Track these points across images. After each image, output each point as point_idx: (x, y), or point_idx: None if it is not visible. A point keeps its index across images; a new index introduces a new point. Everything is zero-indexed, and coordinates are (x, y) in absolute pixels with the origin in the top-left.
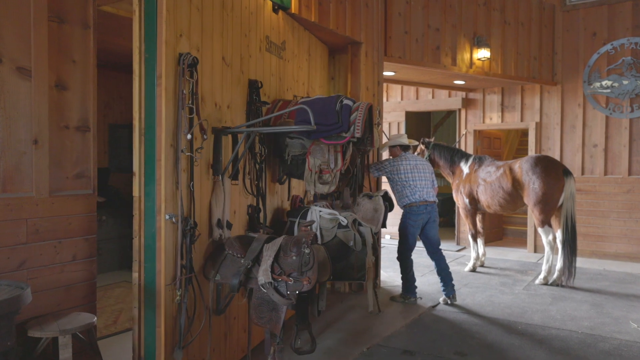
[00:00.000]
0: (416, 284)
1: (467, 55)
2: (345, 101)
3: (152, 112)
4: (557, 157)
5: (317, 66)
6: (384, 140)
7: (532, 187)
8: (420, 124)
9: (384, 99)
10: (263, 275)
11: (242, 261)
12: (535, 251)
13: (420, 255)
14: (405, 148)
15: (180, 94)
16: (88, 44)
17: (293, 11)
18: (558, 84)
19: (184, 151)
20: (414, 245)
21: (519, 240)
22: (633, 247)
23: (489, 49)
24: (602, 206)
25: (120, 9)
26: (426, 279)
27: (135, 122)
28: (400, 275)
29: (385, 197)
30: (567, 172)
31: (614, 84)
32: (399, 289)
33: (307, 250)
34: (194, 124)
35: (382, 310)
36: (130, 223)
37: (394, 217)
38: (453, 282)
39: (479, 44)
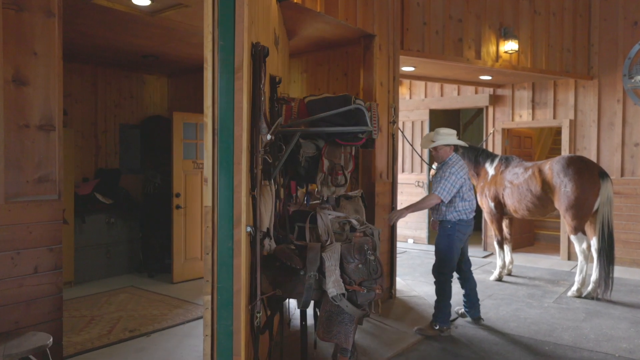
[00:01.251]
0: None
1: (492, 48)
2: (357, 101)
3: (228, 109)
4: (593, 157)
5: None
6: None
7: (564, 190)
8: (448, 123)
9: (407, 97)
10: (334, 287)
11: (303, 273)
12: (569, 258)
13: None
14: (456, 149)
15: (257, 89)
16: (52, 34)
17: (296, 0)
18: (594, 78)
19: (261, 153)
20: (456, 266)
21: (552, 246)
22: None
23: (517, 41)
24: None
25: (116, 3)
26: None
27: (208, 120)
28: (435, 300)
29: (362, 197)
30: (603, 174)
31: None
32: (417, 300)
33: (372, 257)
34: (276, 123)
35: (390, 325)
36: (139, 225)
37: (416, 220)
38: (479, 301)
39: (505, 35)
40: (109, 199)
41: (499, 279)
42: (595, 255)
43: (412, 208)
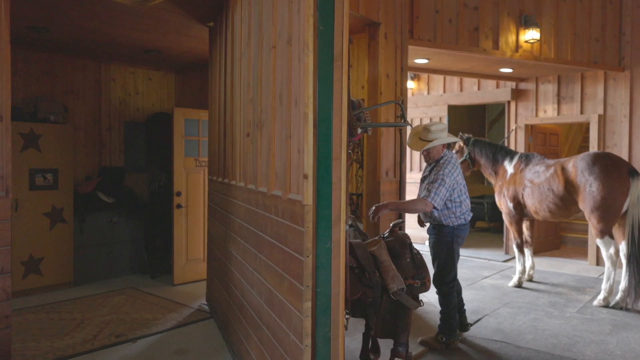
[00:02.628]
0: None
1: (512, 38)
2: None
3: (327, 100)
4: (624, 155)
5: None
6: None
7: (589, 190)
8: (472, 120)
9: (425, 92)
10: (394, 282)
11: (358, 271)
12: (597, 264)
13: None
14: (448, 146)
15: (348, 80)
16: None
17: None
18: (626, 69)
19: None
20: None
21: (580, 250)
22: None
23: (538, 30)
24: None
25: None
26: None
27: (309, 111)
28: (440, 311)
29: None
30: (633, 172)
31: None
32: (425, 307)
33: (415, 251)
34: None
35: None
36: (144, 225)
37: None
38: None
39: (526, 23)
40: (112, 197)
41: (519, 285)
42: (624, 261)
43: (395, 206)
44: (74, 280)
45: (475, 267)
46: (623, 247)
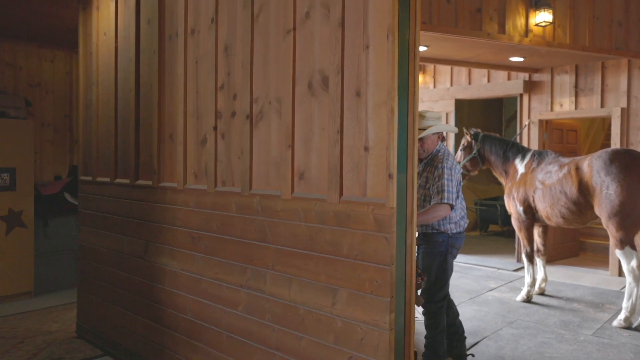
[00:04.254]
0: None
1: (520, 20)
2: None
3: (403, 91)
4: None
5: None
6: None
7: (606, 192)
8: (488, 117)
9: (431, 86)
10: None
11: None
12: (619, 274)
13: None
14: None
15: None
16: None
17: None
18: None
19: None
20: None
21: (601, 258)
22: None
23: (551, 11)
24: None
25: None
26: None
27: (394, 105)
28: (426, 336)
29: None
30: None
31: None
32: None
33: None
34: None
35: None
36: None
37: None
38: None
39: (537, 4)
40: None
41: (527, 300)
42: None
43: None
44: (35, 290)
45: (481, 277)
46: None
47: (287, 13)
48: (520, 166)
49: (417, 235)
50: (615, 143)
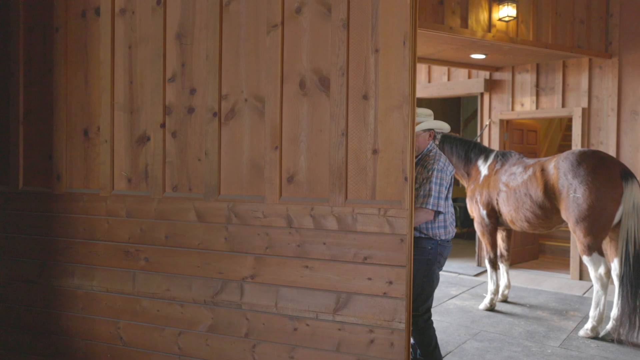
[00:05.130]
0: None
1: (484, 15)
2: None
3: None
4: (611, 154)
5: None
6: None
7: (573, 196)
8: (446, 117)
9: None
10: None
11: None
12: (580, 278)
13: None
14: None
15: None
16: None
17: None
18: (614, 55)
19: None
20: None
21: (560, 260)
22: None
23: (515, 6)
24: None
25: None
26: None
27: (410, 108)
28: (419, 354)
29: None
30: (627, 175)
31: None
32: None
33: None
34: None
35: None
36: None
37: None
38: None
39: None
40: None
41: (491, 308)
42: (616, 282)
43: None
44: None
45: (441, 282)
46: (615, 265)
47: (273, 6)
48: (483, 168)
49: None
50: (576, 144)
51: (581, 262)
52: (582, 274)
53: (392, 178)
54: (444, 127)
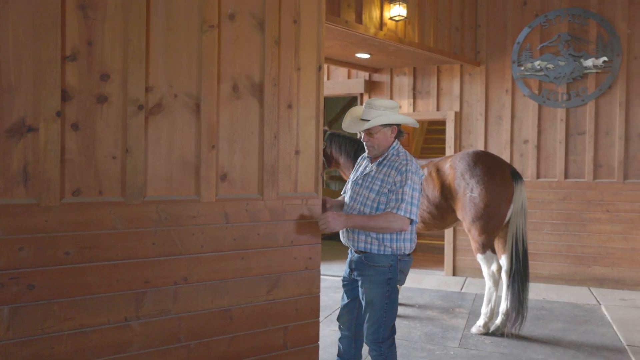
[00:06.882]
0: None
1: (376, 12)
2: None
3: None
4: None
5: None
6: None
7: (470, 195)
8: None
9: None
10: None
11: None
12: (454, 274)
13: None
14: (399, 134)
15: None
16: None
17: None
18: (482, 64)
19: None
20: None
21: (431, 257)
22: (569, 267)
23: (405, 6)
24: (534, 216)
25: None
26: (321, 334)
27: (320, 119)
28: None
29: None
30: (516, 175)
31: (548, 65)
32: None
33: None
34: None
35: None
36: None
37: None
38: None
39: None
40: None
41: None
42: (505, 278)
43: (360, 223)
44: None
45: (329, 288)
46: (504, 262)
47: (210, 6)
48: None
49: (352, 256)
50: (450, 146)
51: (455, 259)
52: (456, 270)
53: (309, 174)
54: (407, 121)
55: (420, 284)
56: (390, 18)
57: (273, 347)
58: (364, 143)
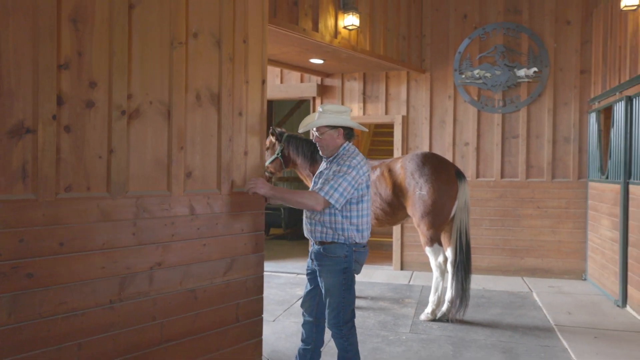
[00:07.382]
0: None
1: (331, 21)
2: None
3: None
4: None
5: None
6: None
7: (419, 193)
8: None
9: None
10: None
11: None
12: (402, 268)
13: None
14: (349, 136)
15: None
16: None
17: None
18: (427, 71)
19: None
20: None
21: (382, 254)
22: (505, 259)
23: (358, 16)
24: (474, 213)
25: None
26: (282, 326)
27: (264, 126)
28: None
29: None
30: (460, 174)
31: (486, 74)
32: None
33: None
34: None
35: None
36: None
37: None
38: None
39: (345, 7)
40: None
41: None
42: (450, 269)
43: (280, 194)
44: None
45: (285, 284)
46: (449, 254)
47: (178, 25)
48: None
49: (312, 249)
50: (398, 148)
51: (402, 254)
52: (403, 265)
53: (255, 172)
54: (350, 124)
55: (371, 278)
56: (345, 27)
57: (228, 320)
58: (318, 145)
